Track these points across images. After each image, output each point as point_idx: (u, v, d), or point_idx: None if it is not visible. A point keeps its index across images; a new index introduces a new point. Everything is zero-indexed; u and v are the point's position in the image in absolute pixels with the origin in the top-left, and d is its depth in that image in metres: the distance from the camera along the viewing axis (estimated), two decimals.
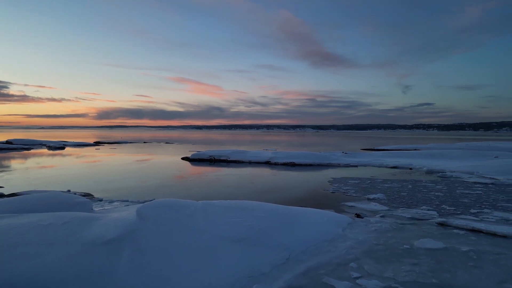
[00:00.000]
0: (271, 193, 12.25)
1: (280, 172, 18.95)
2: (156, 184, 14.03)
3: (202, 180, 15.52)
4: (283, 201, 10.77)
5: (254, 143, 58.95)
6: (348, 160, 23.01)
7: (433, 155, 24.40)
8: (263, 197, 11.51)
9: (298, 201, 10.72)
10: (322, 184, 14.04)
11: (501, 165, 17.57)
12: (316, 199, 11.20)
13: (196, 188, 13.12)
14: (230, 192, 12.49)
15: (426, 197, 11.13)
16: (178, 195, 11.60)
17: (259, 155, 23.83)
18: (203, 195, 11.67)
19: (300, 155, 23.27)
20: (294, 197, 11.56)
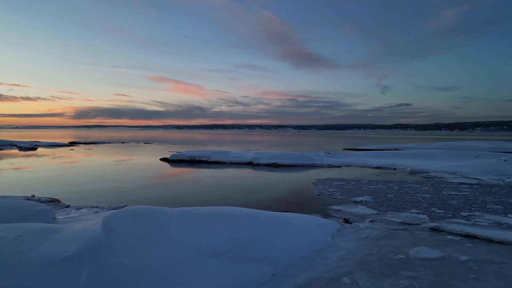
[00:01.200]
0: (253, 197, 11.62)
1: (263, 173, 18.35)
2: (131, 187, 13.14)
3: (181, 182, 14.72)
4: (267, 205, 10.17)
5: (236, 143, 58.17)
6: (331, 160, 22.68)
7: (415, 155, 24.41)
8: (245, 201, 10.87)
9: (283, 205, 10.14)
10: (306, 186, 13.53)
11: (483, 165, 17.59)
12: (302, 202, 10.64)
13: (173, 192, 12.33)
14: (210, 196, 11.77)
15: (414, 199, 10.77)
16: (153, 200, 10.79)
17: (241, 156, 23.17)
18: (180, 200, 10.91)
19: (283, 156, 22.76)
20: (279, 201, 10.96)
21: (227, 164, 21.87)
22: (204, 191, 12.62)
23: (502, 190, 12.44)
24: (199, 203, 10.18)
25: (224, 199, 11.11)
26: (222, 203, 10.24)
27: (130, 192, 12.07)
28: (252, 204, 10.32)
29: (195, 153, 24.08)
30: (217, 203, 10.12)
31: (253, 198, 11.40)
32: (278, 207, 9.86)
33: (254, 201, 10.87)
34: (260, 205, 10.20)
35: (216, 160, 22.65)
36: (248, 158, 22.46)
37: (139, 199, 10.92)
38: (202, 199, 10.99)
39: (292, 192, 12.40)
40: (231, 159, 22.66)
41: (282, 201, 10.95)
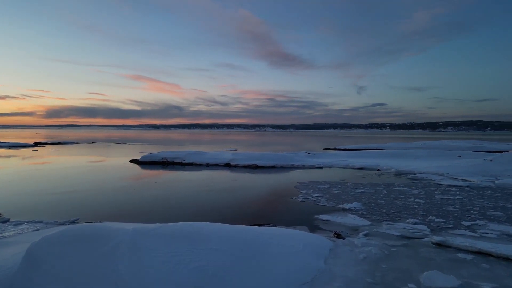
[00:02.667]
0: (230, 205, 10.31)
1: (241, 176, 17.05)
2: (88, 196, 11.48)
3: (148, 189, 13.20)
4: (246, 215, 8.88)
5: (214, 142, 56.52)
6: (312, 161, 21.67)
7: (397, 155, 23.81)
8: (221, 211, 9.55)
9: (264, 215, 8.88)
10: (289, 191, 12.35)
11: (468, 165, 17.02)
12: (285, 211, 9.43)
13: (137, 202, 10.82)
14: (179, 206, 10.36)
15: (407, 206, 9.79)
16: (111, 212, 9.24)
17: (218, 157, 21.77)
18: (143, 213, 9.45)
19: (262, 156, 21.55)
20: (259, 210, 9.70)
21: (203, 166, 20.43)
22: (173, 199, 11.18)
23: (495, 193, 11.72)
24: (165, 216, 8.77)
25: (196, 209, 9.72)
26: (193, 215, 8.87)
27: (85, 202, 10.44)
28: (229, 214, 9.01)
29: (169, 154, 22.47)
30: (187, 215, 8.74)
31: (229, 206, 10.08)
32: (258, 218, 8.61)
33: (230, 210, 9.57)
34: (238, 216, 8.91)
35: (191, 162, 21.15)
36: (225, 159, 21.09)
37: (95, 211, 9.33)
38: (169, 211, 9.56)
39: (273, 199, 11.17)
40: (207, 160, 21.23)
41: (262, 209, 9.70)
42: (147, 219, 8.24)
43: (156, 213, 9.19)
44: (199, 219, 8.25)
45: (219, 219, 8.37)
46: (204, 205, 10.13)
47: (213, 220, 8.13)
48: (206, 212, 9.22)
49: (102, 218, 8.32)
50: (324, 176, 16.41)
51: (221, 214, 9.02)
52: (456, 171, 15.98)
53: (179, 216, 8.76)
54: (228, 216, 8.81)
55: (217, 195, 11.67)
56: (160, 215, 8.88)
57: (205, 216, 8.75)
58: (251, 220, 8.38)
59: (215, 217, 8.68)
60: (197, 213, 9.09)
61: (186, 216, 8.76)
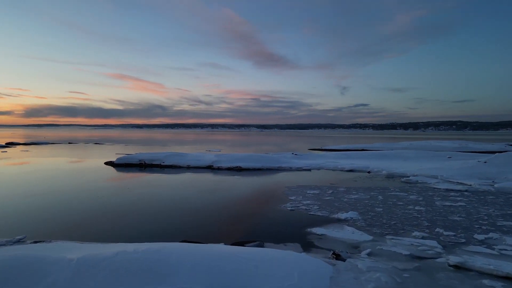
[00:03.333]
0: (210, 217, 9.08)
1: (224, 179, 15.83)
2: (45, 207, 9.96)
3: (119, 196, 11.82)
4: (228, 231, 7.67)
5: (197, 142, 54.92)
6: (299, 162, 20.63)
7: (386, 156, 23.06)
8: (199, 224, 8.32)
9: (250, 230, 7.70)
10: (276, 198, 11.21)
11: (461, 167, 16.31)
12: (273, 223, 8.26)
13: (102, 212, 9.45)
14: (151, 218, 9.06)
15: (408, 215, 8.80)
16: (67, 226, 7.82)
17: (200, 159, 20.45)
18: (106, 227, 8.12)
19: (247, 158, 20.37)
20: (244, 223, 8.51)
21: (183, 169, 19.08)
22: (145, 209, 9.86)
23: (498, 198, 10.91)
24: (131, 231, 7.46)
25: (170, 223, 8.45)
26: (165, 230, 7.58)
27: (40, 215, 8.95)
28: (208, 228, 7.79)
29: (147, 156, 21.00)
30: (157, 231, 7.45)
31: (209, 218, 8.86)
32: (243, 232, 7.43)
33: (210, 223, 8.34)
34: (219, 230, 7.70)
35: (171, 164, 19.77)
36: (207, 161, 19.80)
37: (48, 226, 7.89)
38: (138, 225, 8.25)
39: (260, 208, 10.01)
40: (188, 162, 19.88)
41: (248, 222, 8.52)
42: (108, 237, 6.94)
43: (121, 227, 7.87)
44: (171, 235, 7.01)
45: (196, 234, 7.15)
46: (179, 217, 8.86)
47: (188, 236, 6.90)
48: (182, 226, 7.97)
49: (55, 235, 6.96)
50: (313, 180, 15.37)
51: (199, 229, 7.80)
52: (450, 174, 15.22)
53: (148, 232, 7.49)
54: (207, 231, 7.60)
55: (195, 204, 10.42)
56: (125, 231, 7.57)
57: (180, 231, 7.51)
58: (235, 235, 7.20)
59: (192, 232, 7.45)
60: (170, 228, 7.83)
61: (157, 231, 7.50)
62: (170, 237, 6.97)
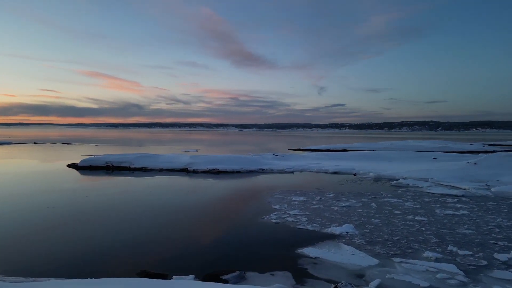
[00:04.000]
0: (180, 236, 7.63)
1: (200, 185, 14.35)
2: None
3: (73, 206, 10.13)
4: (201, 257, 6.21)
5: (174, 142, 52.77)
6: (281, 164, 19.39)
7: (370, 157, 22.20)
8: (164, 251, 6.85)
9: (228, 253, 6.29)
10: (258, 207, 9.86)
11: (451, 169, 15.55)
12: (256, 244, 6.88)
13: (39, 230, 7.81)
14: (101, 240, 7.50)
15: (410, 227, 7.66)
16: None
17: (174, 161, 18.82)
18: (37, 256, 6.52)
19: (226, 160, 18.93)
20: (221, 244, 7.10)
21: (155, 172, 17.42)
22: (98, 226, 8.26)
23: (500, 205, 10.02)
24: (68, 262, 5.87)
25: (125, 247, 6.93)
26: (118, 260, 6.01)
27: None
28: (176, 253, 6.31)
29: (115, 157, 19.16)
30: (108, 261, 5.87)
31: (178, 239, 7.41)
32: (220, 256, 6.03)
33: (179, 248, 6.89)
34: (189, 255, 6.25)
35: (141, 167, 18.04)
36: (182, 164, 18.21)
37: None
38: (82, 251, 6.68)
39: (240, 221, 8.62)
40: (160, 165, 18.22)
41: (225, 241, 7.11)
42: (38, 267, 5.37)
43: (59, 253, 6.29)
44: (126, 264, 5.51)
45: (159, 262, 5.70)
46: (140, 237, 7.34)
47: (150, 264, 5.44)
48: (142, 249, 6.47)
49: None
50: (297, 183, 14.15)
51: (164, 253, 6.33)
52: (441, 176, 14.37)
53: (94, 259, 5.95)
54: (175, 256, 6.15)
55: (162, 218, 8.91)
56: (62, 259, 6.00)
57: (139, 257, 6.02)
58: (210, 261, 5.79)
59: (154, 259, 5.98)
60: (125, 253, 6.31)
61: (107, 259, 5.97)
62: (124, 266, 5.49)
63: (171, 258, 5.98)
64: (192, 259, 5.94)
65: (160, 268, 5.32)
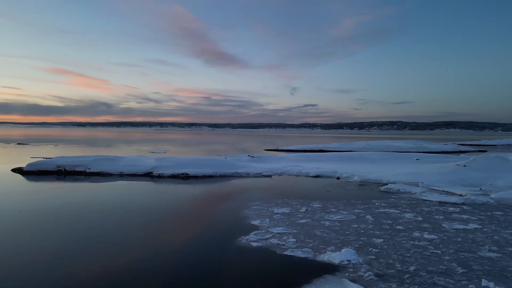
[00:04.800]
0: (128, 278, 5.78)
1: (165, 192, 12.44)
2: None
3: (6, 218, 8.00)
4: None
5: (142, 142, 49.83)
6: (258, 167, 17.77)
7: (351, 159, 21.04)
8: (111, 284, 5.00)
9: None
10: (234, 223, 8.15)
11: (439, 172, 14.53)
12: (232, 281, 5.17)
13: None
14: (27, 268, 5.54)
15: (423, 250, 6.21)
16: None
17: (137, 164, 16.70)
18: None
19: (196, 162, 17.04)
20: (184, 274, 5.33)
21: (115, 177, 15.27)
22: (26, 251, 6.28)
23: (508, 215, 8.87)
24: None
25: (56, 282, 5.03)
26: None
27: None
28: None
29: (69, 160, 16.76)
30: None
31: (127, 280, 5.56)
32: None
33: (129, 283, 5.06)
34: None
35: (99, 171, 15.80)
36: (146, 167, 16.14)
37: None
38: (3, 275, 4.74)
39: (209, 243, 6.84)
40: (121, 168, 16.05)
41: (191, 273, 5.35)
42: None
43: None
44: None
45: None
46: (79, 269, 5.43)
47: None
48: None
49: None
50: (277, 190, 12.55)
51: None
52: (431, 180, 13.27)
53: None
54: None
55: (104, 243, 7.01)
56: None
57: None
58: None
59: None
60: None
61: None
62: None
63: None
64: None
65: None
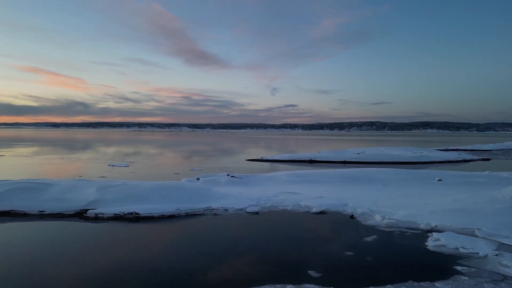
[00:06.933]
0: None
1: (93, 252, 7.77)
2: None
3: None
4: None
5: (109, 146, 44.21)
6: (240, 195, 13.33)
7: (357, 179, 16.86)
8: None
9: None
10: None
11: (493, 208, 10.51)
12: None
13: None
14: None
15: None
16: None
17: (68, 197, 11.83)
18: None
19: (154, 192, 12.38)
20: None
21: (32, 218, 10.49)
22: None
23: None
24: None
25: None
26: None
27: None
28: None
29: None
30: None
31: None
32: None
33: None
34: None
35: (10, 210, 10.92)
36: (80, 202, 11.36)
37: None
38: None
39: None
40: (44, 205, 11.20)
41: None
42: None
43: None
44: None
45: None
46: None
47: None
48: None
49: None
50: (269, 245, 8.12)
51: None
52: (490, 224, 9.22)
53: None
54: None
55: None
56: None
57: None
58: None
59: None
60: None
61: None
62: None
63: None
64: None
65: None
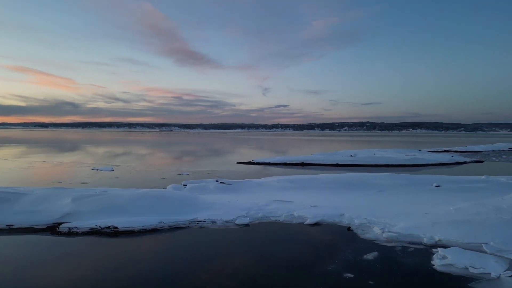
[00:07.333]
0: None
1: (69, 277, 6.84)
2: None
3: None
4: None
5: (96, 146, 42.79)
6: (229, 204, 12.51)
7: (353, 185, 16.15)
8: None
9: None
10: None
11: (497, 219, 9.86)
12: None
13: None
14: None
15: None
16: None
17: (40, 209, 10.83)
18: None
19: (135, 202, 11.46)
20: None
21: (2, 233, 9.50)
22: None
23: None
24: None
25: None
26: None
27: None
28: None
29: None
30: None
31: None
32: None
33: None
34: None
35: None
36: (53, 215, 10.38)
37: None
38: None
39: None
40: (13, 218, 10.19)
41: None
42: None
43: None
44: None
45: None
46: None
47: None
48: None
49: None
50: (260, 263, 7.29)
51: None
52: (497, 238, 8.57)
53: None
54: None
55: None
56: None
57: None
58: None
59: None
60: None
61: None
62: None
63: None
64: None
65: None
